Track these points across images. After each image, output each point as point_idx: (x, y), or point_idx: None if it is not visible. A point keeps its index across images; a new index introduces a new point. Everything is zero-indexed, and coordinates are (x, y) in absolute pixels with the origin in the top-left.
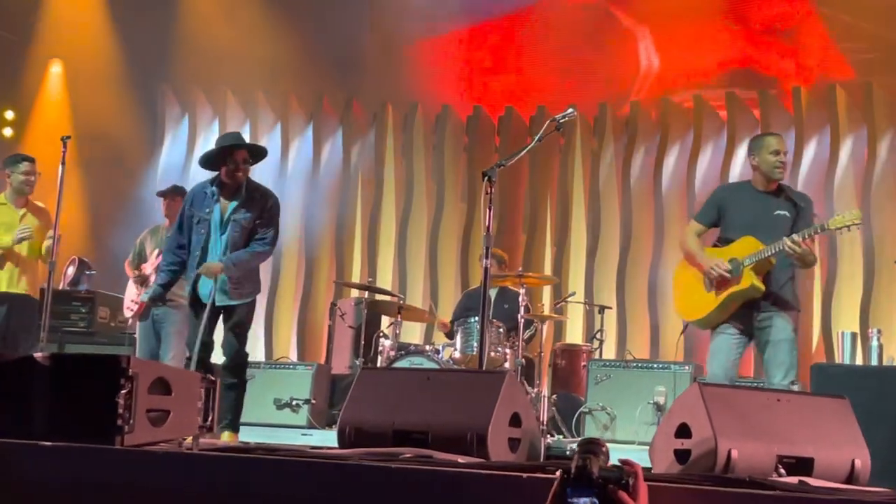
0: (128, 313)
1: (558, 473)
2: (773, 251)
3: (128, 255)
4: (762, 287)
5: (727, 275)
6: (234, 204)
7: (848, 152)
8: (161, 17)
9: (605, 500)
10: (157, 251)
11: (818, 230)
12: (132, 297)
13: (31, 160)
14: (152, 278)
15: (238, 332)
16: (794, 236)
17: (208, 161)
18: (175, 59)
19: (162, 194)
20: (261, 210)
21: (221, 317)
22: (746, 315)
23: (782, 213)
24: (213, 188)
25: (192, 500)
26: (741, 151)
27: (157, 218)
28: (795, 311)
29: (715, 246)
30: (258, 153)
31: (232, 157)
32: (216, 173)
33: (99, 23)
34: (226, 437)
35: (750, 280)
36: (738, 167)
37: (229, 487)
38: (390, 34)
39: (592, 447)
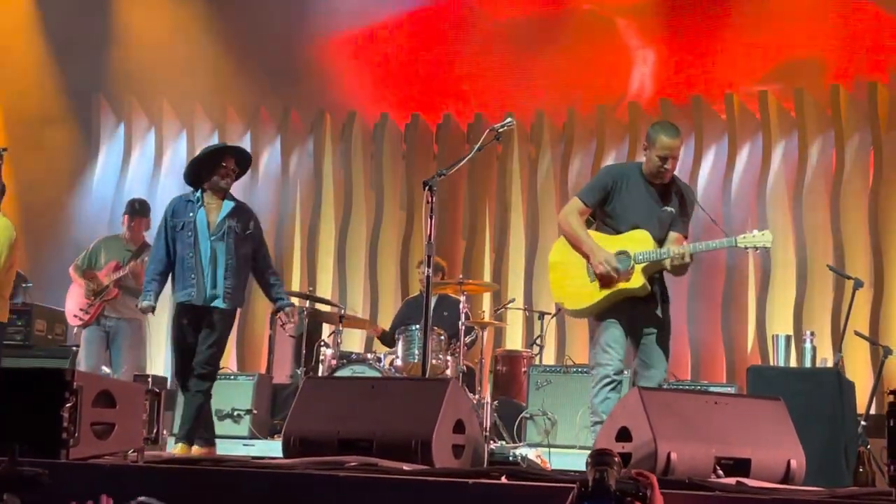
0: (76, 321)
1: (575, 486)
2: (667, 255)
3: (71, 261)
4: (650, 289)
5: (614, 275)
6: (226, 210)
7: (779, 157)
8: (93, 23)
9: None
10: (113, 262)
11: (725, 244)
12: (80, 304)
13: None
14: (112, 291)
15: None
16: (691, 246)
17: (192, 172)
18: (108, 67)
19: (130, 211)
20: (247, 223)
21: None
22: (630, 309)
23: (669, 209)
24: (198, 194)
25: None
26: None
27: (92, 228)
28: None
29: (604, 229)
30: (244, 162)
31: (220, 162)
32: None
33: (27, 28)
34: (193, 451)
35: (641, 280)
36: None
37: (177, 500)
38: (327, 41)
39: (607, 459)
